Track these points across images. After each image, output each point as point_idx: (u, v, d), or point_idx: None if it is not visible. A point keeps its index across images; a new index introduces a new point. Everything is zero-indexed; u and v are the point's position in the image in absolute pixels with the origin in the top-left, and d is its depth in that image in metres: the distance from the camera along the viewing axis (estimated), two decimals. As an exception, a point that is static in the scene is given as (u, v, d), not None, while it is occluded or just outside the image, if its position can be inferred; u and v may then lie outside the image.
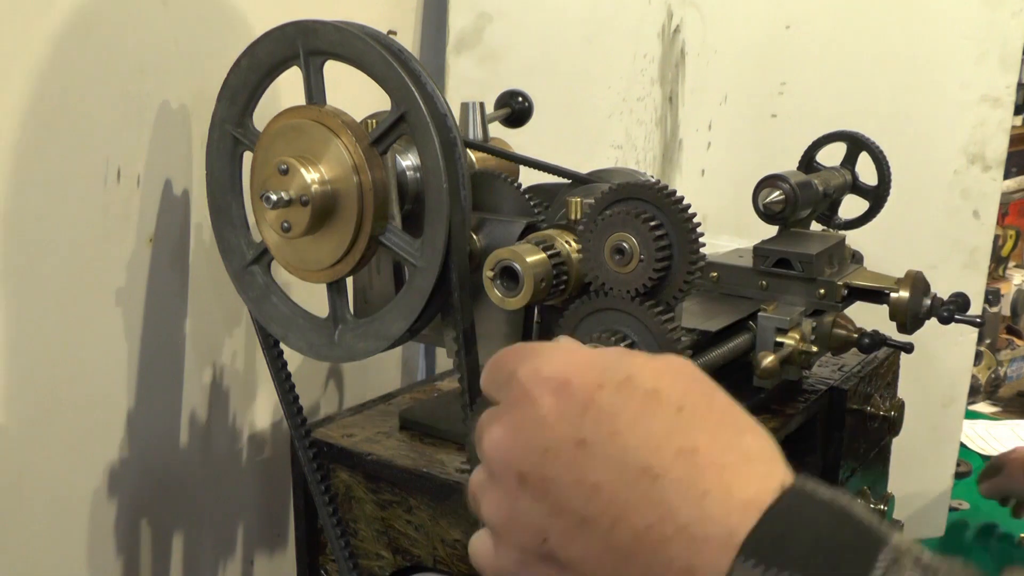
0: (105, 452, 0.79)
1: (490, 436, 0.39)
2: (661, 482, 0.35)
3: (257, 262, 0.70)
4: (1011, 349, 2.36)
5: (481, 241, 0.69)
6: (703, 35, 1.38)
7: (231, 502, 0.93)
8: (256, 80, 0.66)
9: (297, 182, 0.62)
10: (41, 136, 0.70)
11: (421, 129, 0.61)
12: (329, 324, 0.68)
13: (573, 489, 0.36)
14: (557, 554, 0.37)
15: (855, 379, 0.88)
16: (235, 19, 0.82)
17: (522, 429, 0.38)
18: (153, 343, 0.81)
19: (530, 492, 0.37)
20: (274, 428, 0.96)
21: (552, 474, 0.37)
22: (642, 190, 0.57)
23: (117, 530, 0.81)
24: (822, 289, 0.79)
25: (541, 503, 0.37)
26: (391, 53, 0.61)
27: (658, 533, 0.35)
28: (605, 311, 0.59)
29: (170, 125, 0.80)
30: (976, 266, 1.32)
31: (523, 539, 0.38)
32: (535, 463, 0.37)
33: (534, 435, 0.38)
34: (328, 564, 0.82)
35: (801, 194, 0.85)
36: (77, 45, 0.71)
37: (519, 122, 0.84)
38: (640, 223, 0.56)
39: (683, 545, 0.35)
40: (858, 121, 0.98)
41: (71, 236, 0.73)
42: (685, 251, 0.56)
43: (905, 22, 1.29)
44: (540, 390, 0.38)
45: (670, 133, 1.38)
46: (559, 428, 0.37)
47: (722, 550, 0.34)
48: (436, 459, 0.74)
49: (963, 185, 1.31)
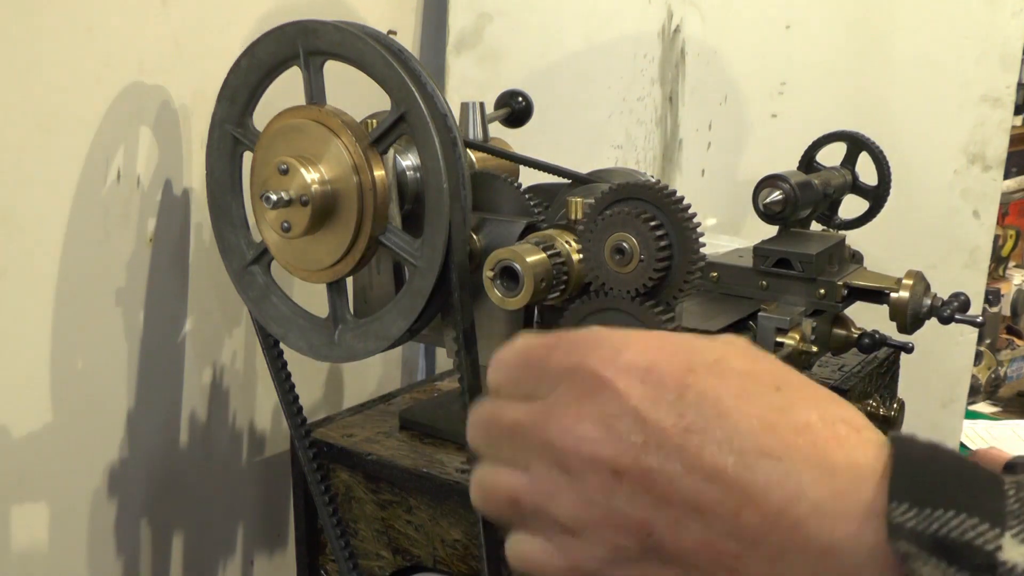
0: (105, 452, 0.79)
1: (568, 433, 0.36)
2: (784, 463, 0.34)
3: (257, 262, 0.70)
4: (1011, 349, 2.36)
5: (481, 241, 0.69)
6: (703, 35, 1.38)
7: (231, 502, 0.93)
8: (256, 80, 0.66)
9: (297, 182, 0.62)
10: (41, 136, 0.70)
11: (421, 129, 0.61)
12: (329, 324, 0.68)
13: (686, 478, 0.35)
14: (665, 547, 0.35)
15: (855, 379, 0.88)
16: (235, 19, 0.82)
17: (611, 422, 0.36)
18: (153, 343, 0.81)
19: (629, 486, 0.35)
20: (274, 428, 0.96)
21: (656, 464, 0.35)
22: (642, 190, 0.57)
23: (117, 530, 0.81)
24: (822, 289, 0.79)
25: (644, 496, 0.35)
26: (391, 53, 0.61)
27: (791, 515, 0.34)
28: (605, 311, 0.59)
29: (170, 125, 0.80)
30: (976, 266, 1.32)
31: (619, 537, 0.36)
32: (634, 458, 0.35)
33: (627, 427, 0.35)
34: (328, 564, 0.82)
35: (801, 194, 0.85)
36: (77, 45, 0.71)
37: (519, 122, 0.84)
38: (640, 223, 0.56)
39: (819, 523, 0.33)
40: (858, 121, 0.98)
41: (71, 236, 0.73)
42: (685, 251, 0.56)
43: (905, 22, 1.29)
44: (624, 379, 0.36)
45: (670, 133, 1.38)
46: (656, 416, 0.35)
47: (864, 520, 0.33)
48: (436, 459, 0.74)
49: (963, 185, 1.31)
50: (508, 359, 0.40)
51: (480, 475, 0.40)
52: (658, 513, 0.35)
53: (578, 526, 0.37)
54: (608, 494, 0.36)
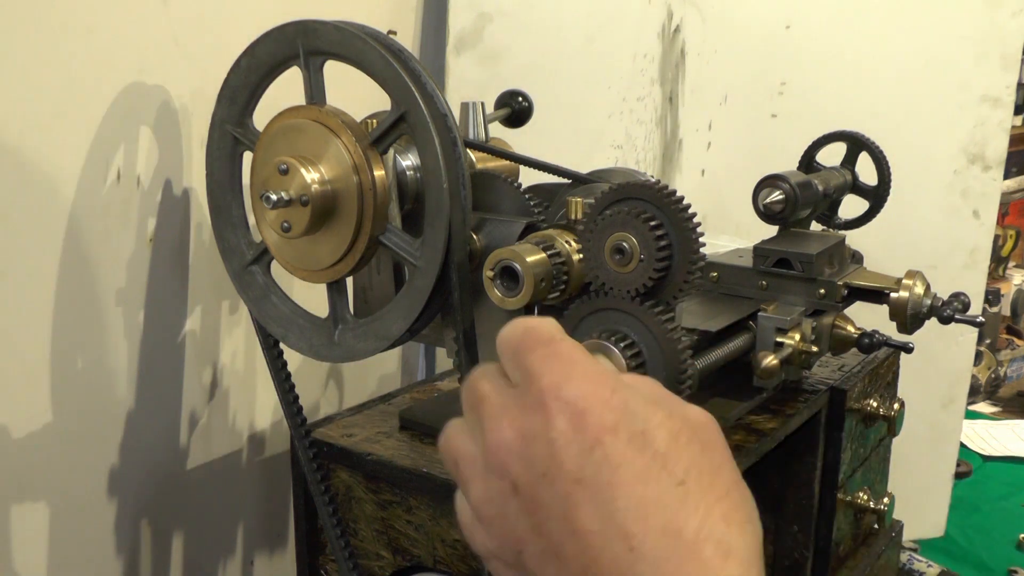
0: (105, 452, 0.79)
1: (498, 433, 0.39)
2: (635, 554, 0.36)
3: (257, 262, 0.70)
4: (1011, 349, 2.36)
5: (481, 241, 0.69)
6: (703, 35, 1.38)
7: (231, 502, 0.93)
8: (256, 80, 0.66)
9: (297, 182, 0.62)
10: (41, 136, 0.70)
11: (421, 129, 0.61)
12: (329, 324, 0.68)
13: (558, 522, 0.37)
14: (528, 569, 0.39)
15: (855, 379, 0.88)
16: (235, 19, 0.82)
17: (529, 442, 0.38)
18: (153, 343, 0.81)
19: (519, 503, 0.38)
20: (274, 428, 0.96)
21: (543, 499, 0.38)
22: (642, 190, 0.57)
23: (117, 530, 0.81)
24: (822, 289, 0.79)
25: (527, 518, 0.38)
26: (391, 53, 0.61)
27: None
28: (605, 311, 0.58)
29: (170, 125, 0.80)
30: (976, 266, 1.32)
31: (503, 540, 0.39)
32: (531, 482, 0.38)
33: (539, 453, 0.38)
34: (328, 564, 0.82)
35: (801, 194, 0.85)
36: (77, 45, 0.71)
37: (519, 122, 0.84)
38: (640, 223, 0.56)
39: None
40: (858, 121, 0.98)
41: (71, 236, 0.73)
42: (685, 251, 0.56)
43: (905, 22, 1.30)
44: (557, 410, 0.38)
45: (670, 133, 1.38)
46: (563, 457, 0.37)
47: None
48: (436, 459, 0.74)
49: (963, 185, 1.31)
50: (508, 338, 0.42)
51: (449, 425, 0.43)
52: (532, 538, 0.38)
53: (481, 514, 0.40)
54: (503, 502, 0.39)
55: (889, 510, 0.95)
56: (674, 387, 0.56)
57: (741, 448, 0.75)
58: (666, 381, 0.56)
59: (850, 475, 0.90)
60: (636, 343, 0.57)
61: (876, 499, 0.93)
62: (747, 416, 0.80)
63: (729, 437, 0.76)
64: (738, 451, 0.74)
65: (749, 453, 0.75)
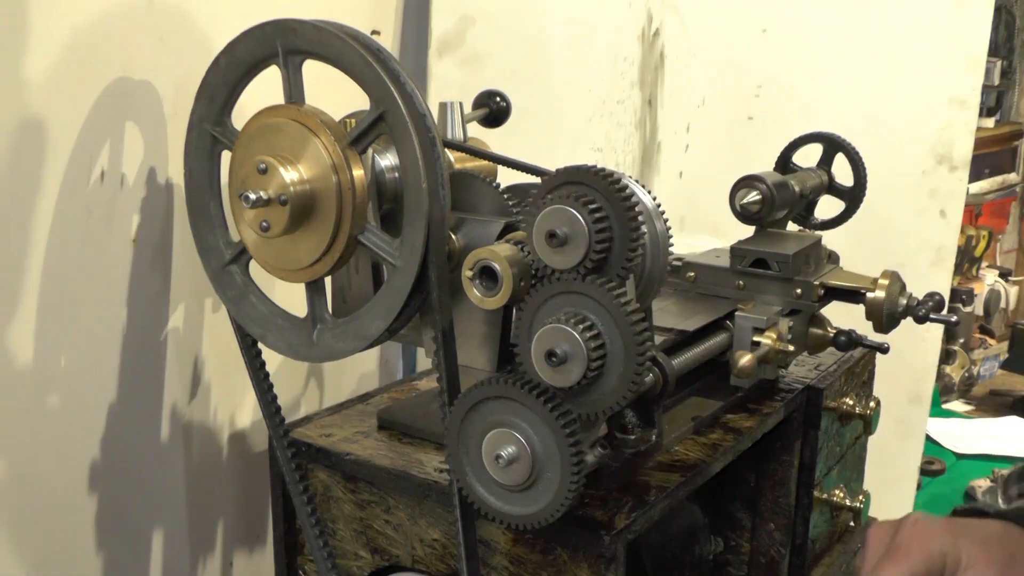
0: (85, 451, 0.79)
1: None
2: None
3: (236, 261, 0.70)
4: (984, 348, 2.39)
5: (460, 241, 0.69)
6: (682, 39, 1.39)
7: (210, 502, 0.93)
8: (235, 79, 0.66)
9: (276, 181, 0.62)
10: (25, 137, 0.69)
11: (400, 129, 0.61)
12: (308, 324, 0.68)
13: None
14: None
15: (831, 378, 0.89)
16: (220, 17, 0.82)
17: None
18: (135, 343, 0.81)
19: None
20: (253, 428, 0.96)
21: None
22: (572, 173, 0.58)
23: (96, 529, 0.80)
24: (799, 289, 0.80)
25: None
26: (370, 52, 0.61)
27: None
28: (562, 295, 0.59)
29: (154, 124, 0.80)
30: (942, 264, 1.35)
31: None
32: None
33: None
34: (307, 564, 0.82)
35: (778, 195, 0.86)
36: (62, 45, 0.71)
37: (497, 122, 0.84)
38: (579, 205, 0.57)
39: None
40: (831, 123, 0.99)
41: (55, 236, 0.73)
42: (624, 226, 0.57)
43: (876, 26, 1.32)
44: None
45: (649, 136, 1.39)
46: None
47: None
48: (415, 459, 0.74)
49: (931, 185, 1.33)
50: None
51: None
52: None
53: None
54: None
55: (865, 507, 0.96)
56: (633, 355, 0.57)
57: (718, 447, 0.75)
58: (624, 351, 0.57)
59: (826, 473, 0.91)
60: (594, 324, 0.58)
61: (852, 497, 0.94)
62: (724, 415, 0.80)
63: (706, 436, 0.77)
64: (715, 449, 0.75)
65: (726, 451, 0.75)
